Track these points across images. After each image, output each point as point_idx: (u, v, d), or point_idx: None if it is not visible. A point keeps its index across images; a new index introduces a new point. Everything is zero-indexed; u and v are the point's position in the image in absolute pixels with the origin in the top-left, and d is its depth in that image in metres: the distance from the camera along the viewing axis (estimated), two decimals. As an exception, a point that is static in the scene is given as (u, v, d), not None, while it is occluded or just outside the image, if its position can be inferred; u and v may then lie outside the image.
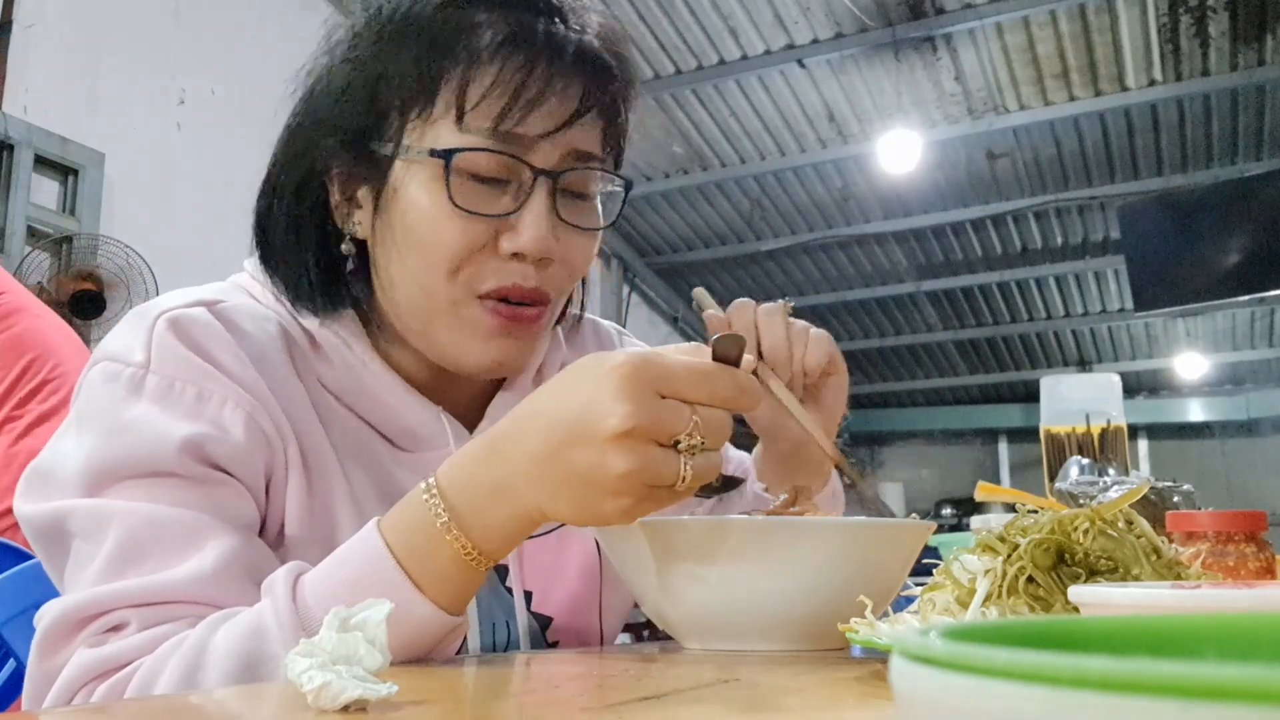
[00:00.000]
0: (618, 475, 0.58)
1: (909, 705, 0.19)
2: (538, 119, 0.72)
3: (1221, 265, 4.95)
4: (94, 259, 2.97)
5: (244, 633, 0.60)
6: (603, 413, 0.57)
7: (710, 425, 0.59)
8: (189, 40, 3.49)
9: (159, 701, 0.56)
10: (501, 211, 0.73)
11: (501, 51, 0.71)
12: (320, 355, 0.78)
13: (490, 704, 0.54)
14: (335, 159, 0.76)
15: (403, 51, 0.73)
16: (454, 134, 0.72)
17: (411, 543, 0.61)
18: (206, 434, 0.68)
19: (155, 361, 0.70)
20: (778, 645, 0.71)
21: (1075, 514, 0.60)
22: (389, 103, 0.74)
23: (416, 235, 0.73)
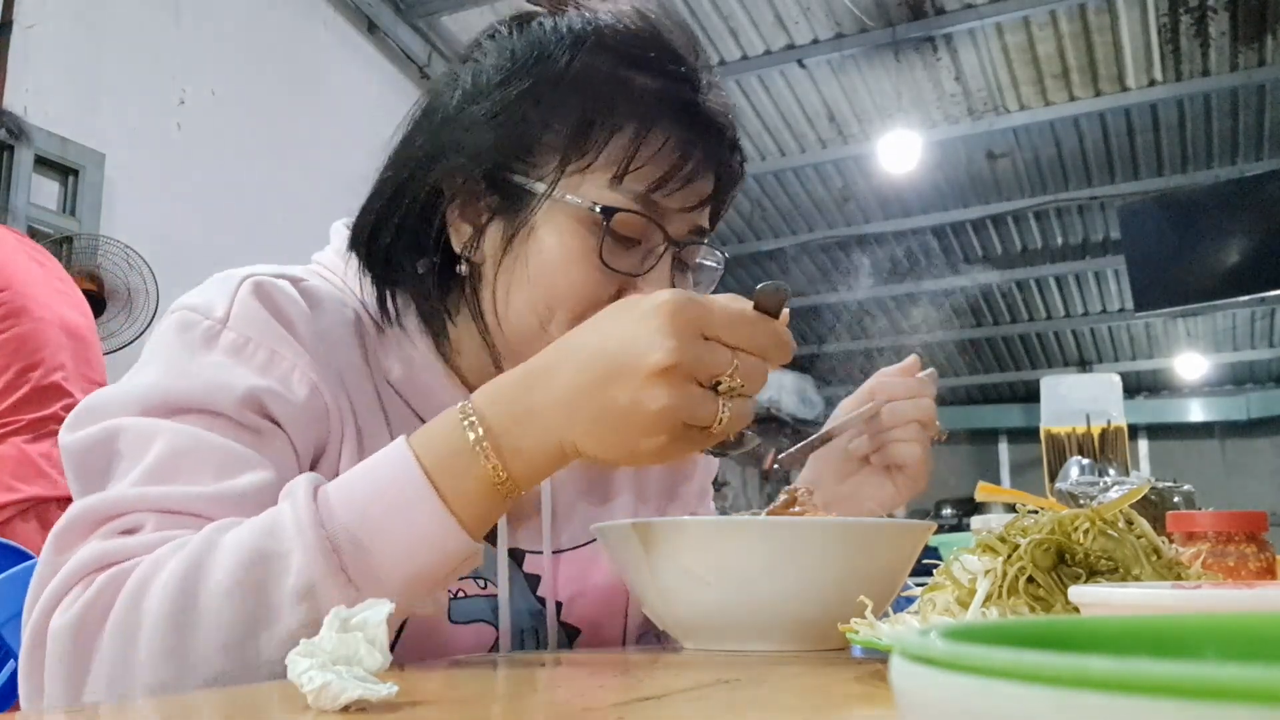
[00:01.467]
0: (655, 411, 0.58)
1: (909, 705, 0.19)
2: (684, 195, 0.75)
3: (1222, 265, 4.95)
4: (94, 259, 2.97)
5: (256, 530, 0.59)
6: (645, 348, 0.58)
7: (749, 371, 0.60)
8: (189, 40, 3.49)
9: (158, 701, 0.56)
10: (631, 270, 0.75)
11: (671, 123, 0.74)
12: (386, 349, 0.79)
13: (490, 704, 0.54)
14: (468, 182, 0.76)
15: (576, 96, 0.74)
16: (606, 189, 0.74)
17: (442, 459, 0.61)
18: (270, 389, 0.68)
19: (234, 319, 0.70)
20: (778, 645, 0.71)
21: (1075, 514, 0.60)
22: (551, 146, 0.74)
23: (549, 275, 0.74)
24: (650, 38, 0.77)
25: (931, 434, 0.96)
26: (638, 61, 0.75)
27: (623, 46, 0.76)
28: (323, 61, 4.08)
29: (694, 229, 0.79)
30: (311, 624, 0.55)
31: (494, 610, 0.79)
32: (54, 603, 0.59)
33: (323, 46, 4.10)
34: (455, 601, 0.77)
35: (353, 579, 0.58)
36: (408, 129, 0.81)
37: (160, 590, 0.57)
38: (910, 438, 0.94)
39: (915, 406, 0.94)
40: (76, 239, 3.00)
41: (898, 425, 0.94)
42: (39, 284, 1.80)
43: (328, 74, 4.09)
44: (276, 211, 3.61)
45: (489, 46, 0.79)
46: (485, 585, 0.80)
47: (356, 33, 4.31)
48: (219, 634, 0.57)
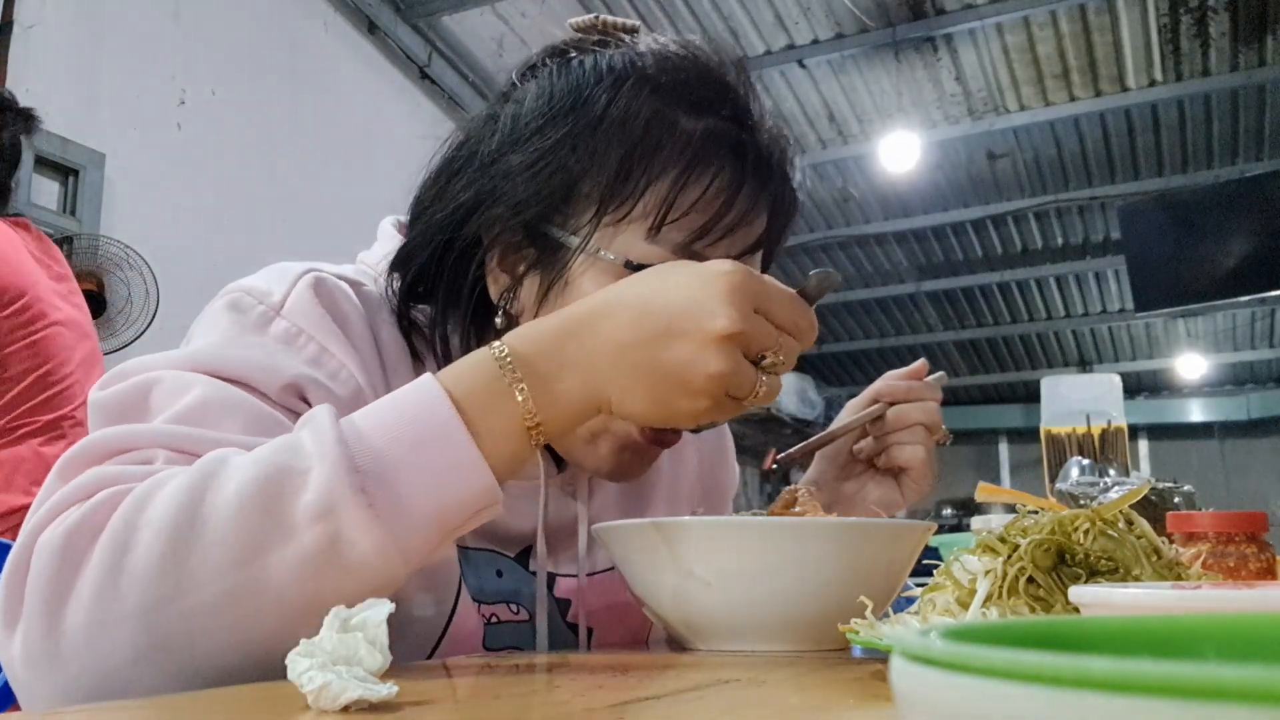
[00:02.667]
0: (708, 375, 0.59)
1: (909, 706, 0.19)
2: (729, 242, 0.73)
3: (1222, 265, 4.95)
4: (94, 259, 2.97)
5: (274, 447, 0.55)
6: (709, 312, 0.59)
7: (789, 350, 0.63)
8: (189, 41, 3.49)
9: (158, 701, 0.56)
10: None
11: (716, 166, 0.72)
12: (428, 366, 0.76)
13: (491, 704, 0.54)
14: (506, 232, 0.73)
15: (612, 149, 0.71)
16: (643, 241, 0.71)
17: (474, 394, 0.58)
18: (316, 380, 0.66)
19: (289, 308, 0.68)
20: (778, 645, 0.71)
21: (1076, 514, 0.60)
22: (589, 195, 0.72)
23: None
24: (693, 73, 0.75)
25: (937, 437, 0.96)
26: (679, 101, 0.73)
27: (664, 85, 0.73)
28: (323, 62, 4.08)
29: None
30: (326, 550, 0.52)
31: (529, 637, 0.78)
32: (47, 520, 0.54)
33: (323, 47, 4.10)
34: (491, 627, 0.76)
35: (374, 504, 0.53)
36: (442, 167, 0.78)
37: (164, 500, 0.52)
38: (914, 440, 0.94)
39: (920, 410, 0.95)
40: (76, 239, 3.00)
41: (902, 428, 0.94)
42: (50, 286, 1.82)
43: (328, 74, 4.09)
44: (277, 211, 3.61)
45: (529, 87, 0.76)
46: (518, 610, 0.79)
47: (357, 33, 4.31)
48: (224, 550, 0.51)
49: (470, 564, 0.76)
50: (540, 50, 0.81)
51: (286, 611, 0.53)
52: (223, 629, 0.53)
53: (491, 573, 0.78)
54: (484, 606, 0.76)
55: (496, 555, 0.79)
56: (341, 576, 0.53)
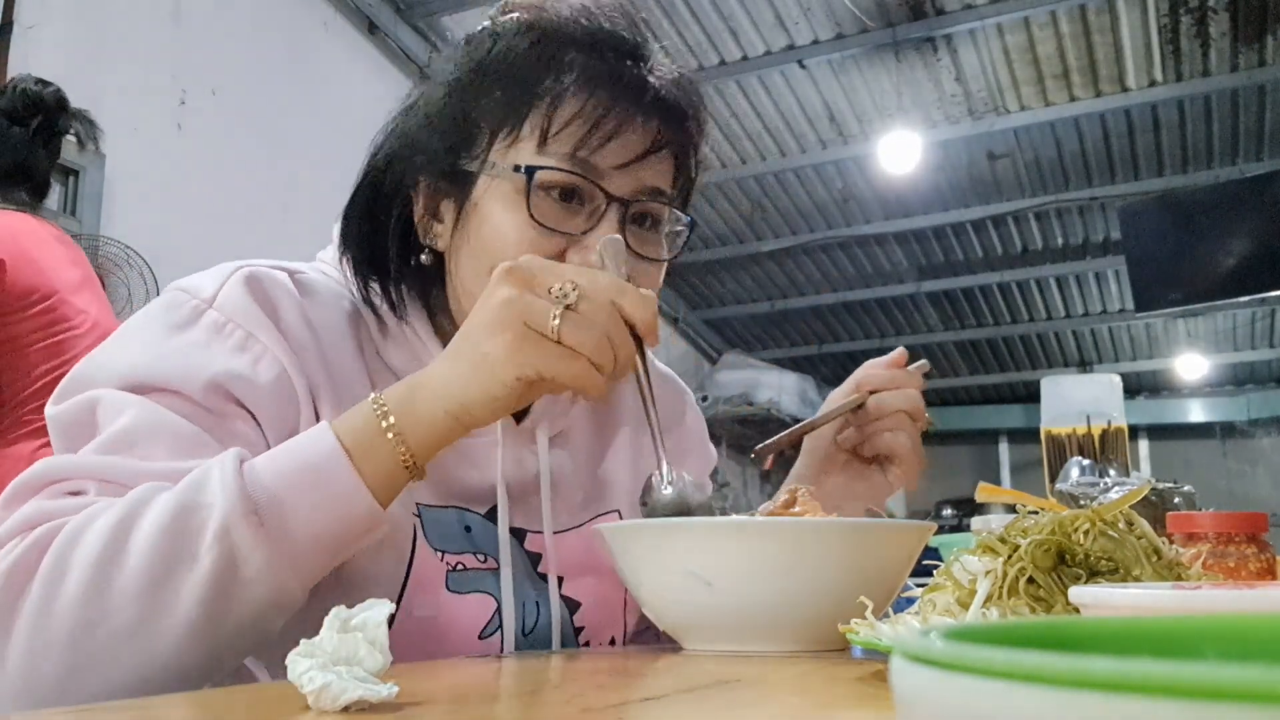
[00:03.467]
0: (498, 301, 0.65)
1: (909, 706, 0.19)
2: (613, 151, 0.78)
3: (1222, 266, 4.95)
4: (95, 259, 2.97)
5: (186, 485, 0.63)
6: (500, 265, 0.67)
7: (588, 295, 0.66)
8: (189, 41, 3.49)
9: (158, 701, 0.56)
10: (570, 229, 0.78)
11: (587, 86, 0.78)
12: (388, 338, 0.84)
13: (491, 704, 0.54)
14: (423, 174, 0.82)
15: (498, 81, 0.80)
16: (535, 156, 0.78)
17: (354, 432, 0.66)
18: (237, 373, 0.72)
19: (220, 301, 0.75)
20: (778, 646, 0.71)
21: (1076, 515, 0.60)
22: (480, 125, 0.80)
23: (492, 245, 0.78)
24: (579, 18, 0.82)
25: (920, 425, 0.97)
26: (561, 38, 0.80)
27: (549, 28, 0.81)
28: (323, 62, 4.08)
29: (645, 188, 0.81)
30: (225, 569, 0.61)
31: (495, 582, 0.82)
32: None
33: (323, 47, 4.10)
34: (453, 573, 0.80)
35: (265, 524, 0.62)
36: (379, 141, 0.86)
37: (92, 537, 0.60)
38: (898, 428, 0.96)
39: (902, 397, 0.96)
40: (77, 239, 3.00)
41: (884, 416, 0.96)
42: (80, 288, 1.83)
43: (328, 74, 4.09)
44: (277, 211, 3.61)
45: (442, 58, 0.86)
46: (485, 559, 0.82)
47: (357, 33, 4.31)
48: (141, 578, 0.60)
49: (436, 522, 0.81)
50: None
51: (194, 630, 0.61)
52: (140, 649, 0.60)
53: (460, 529, 0.82)
54: (448, 556, 0.80)
55: (464, 512, 0.83)
56: (240, 592, 0.62)
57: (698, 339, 7.61)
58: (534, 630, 0.84)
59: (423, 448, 0.67)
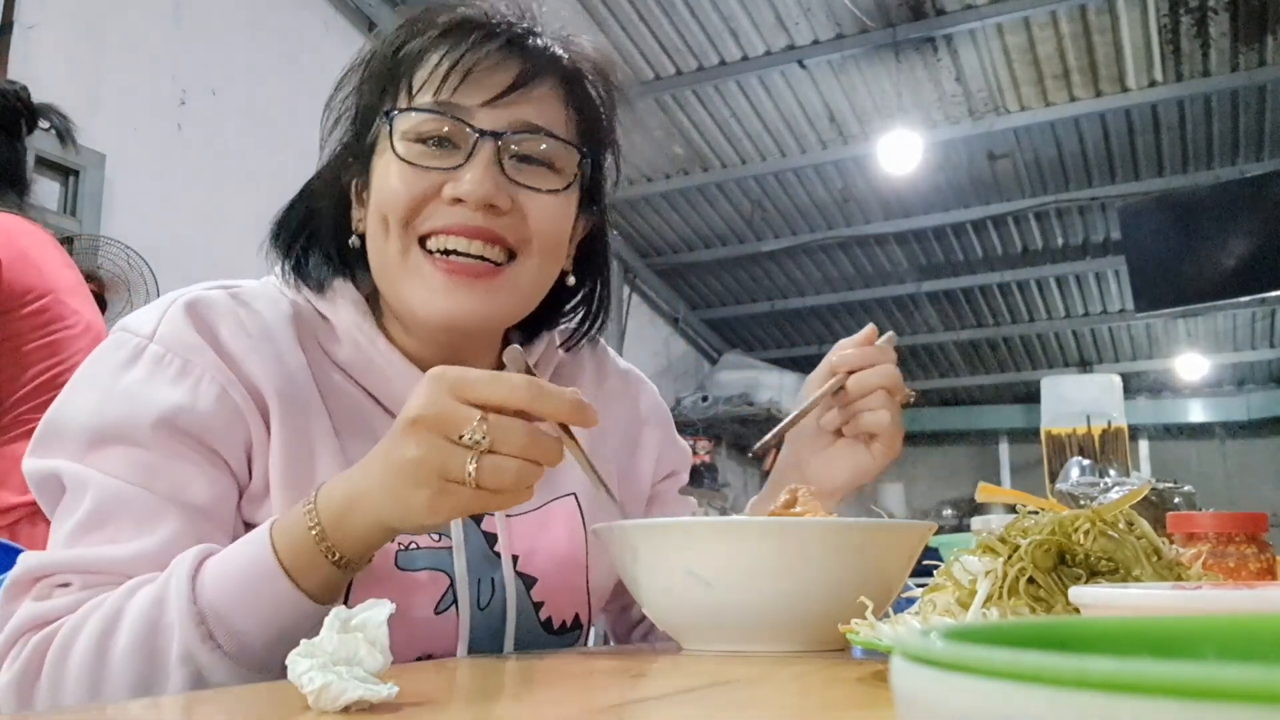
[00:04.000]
0: (410, 460, 0.64)
1: (909, 706, 0.19)
2: (475, 90, 0.83)
3: (1222, 266, 4.95)
4: (95, 259, 2.97)
5: (150, 601, 0.69)
6: (408, 407, 0.66)
7: (501, 429, 0.64)
8: (189, 41, 3.49)
9: (158, 701, 0.56)
10: (443, 165, 0.83)
11: (443, 42, 0.84)
12: (333, 335, 0.87)
13: (490, 704, 0.54)
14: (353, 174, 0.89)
15: (382, 63, 0.87)
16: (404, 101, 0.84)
17: (292, 542, 0.69)
18: (180, 405, 0.76)
19: (159, 334, 0.79)
20: (778, 646, 0.71)
21: (1076, 515, 0.60)
22: (374, 108, 0.86)
23: (379, 197, 0.84)
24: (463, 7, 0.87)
25: (899, 398, 0.98)
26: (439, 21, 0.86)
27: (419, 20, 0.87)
28: (323, 62, 4.08)
29: (520, 123, 0.84)
30: (196, 682, 0.68)
31: (449, 559, 0.84)
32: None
33: (323, 47, 4.10)
34: (403, 553, 0.82)
35: (220, 644, 0.68)
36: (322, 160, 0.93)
37: (79, 654, 0.69)
38: (879, 405, 0.96)
39: (879, 374, 0.97)
40: (77, 239, 3.00)
41: (864, 394, 0.96)
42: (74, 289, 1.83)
43: (328, 74, 4.08)
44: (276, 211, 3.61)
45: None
46: (440, 539, 0.84)
47: (357, 33, 4.31)
48: (125, 689, 0.68)
49: None
50: None
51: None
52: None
53: None
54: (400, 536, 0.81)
55: None
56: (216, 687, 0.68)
57: (698, 339, 7.61)
58: (490, 604, 0.85)
59: (360, 555, 0.70)
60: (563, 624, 0.91)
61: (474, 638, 0.84)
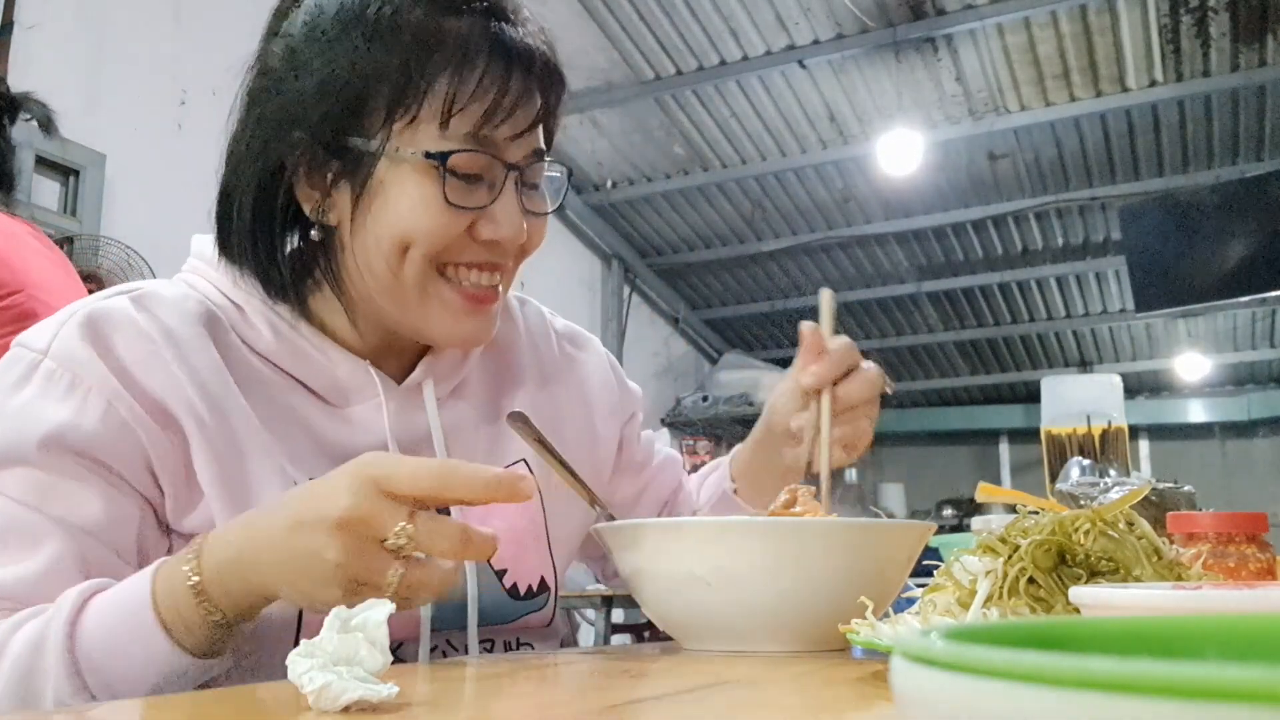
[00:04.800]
0: (331, 563, 0.60)
1: (910, 706, 0.19)
2: (512, 123, 0.79)
3: (1222, 266, 4.95)
4: (95, 259, 2.97)
5: (29, 644, 0.67)
6: (330, 501, 0.61)
7: (429, 532, 0.61)
8: (189, 41, 3.49)
9: (159, 701, 0.56)
10: (479, 204, 0.79)
11: (483, 62, 0.78)
12: (249, 323, 0.83)
13: (490, 705, 0.54)
14: (306, 152, 0.79)
15: (389, 59, 0.77)
16: (437, 136, 0.78)
17: (172, 596, 0.66)
18: (65, 423, 0.73)
19: (53, 349, 0.75)
20: (778, 646, 0.71)
21: (1076, 515, 0.60)
22: (375, 103, 0.77)
23: (402, 228, 0.78)
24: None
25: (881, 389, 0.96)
26: (443, 4, 0.79)
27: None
28: (323, 62, 4.07)
29: (531, 151, 0.82)
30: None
31: None
32: None
33: (323, 47, 4.10)
34: None
35: (95, 696, 0.66)
36: (242, 111, 0.85)
37: None
38: (863, 416, 0.95)
39: (864, 386, 0.94)
40: (77, 239, 3.00)
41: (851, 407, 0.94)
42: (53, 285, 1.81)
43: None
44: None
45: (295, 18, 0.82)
46: None
47: (357, 33, 4.31)
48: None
49: None
50: None
51: None
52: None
53: None
54: None
55: None
56: None
57: (698, 339, 7.61)
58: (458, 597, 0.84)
59: (240, 617, 0.67)
60: (529, 589, 0.90)
61: (436, 611, 0.82)
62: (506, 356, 0.99)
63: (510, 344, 0.99)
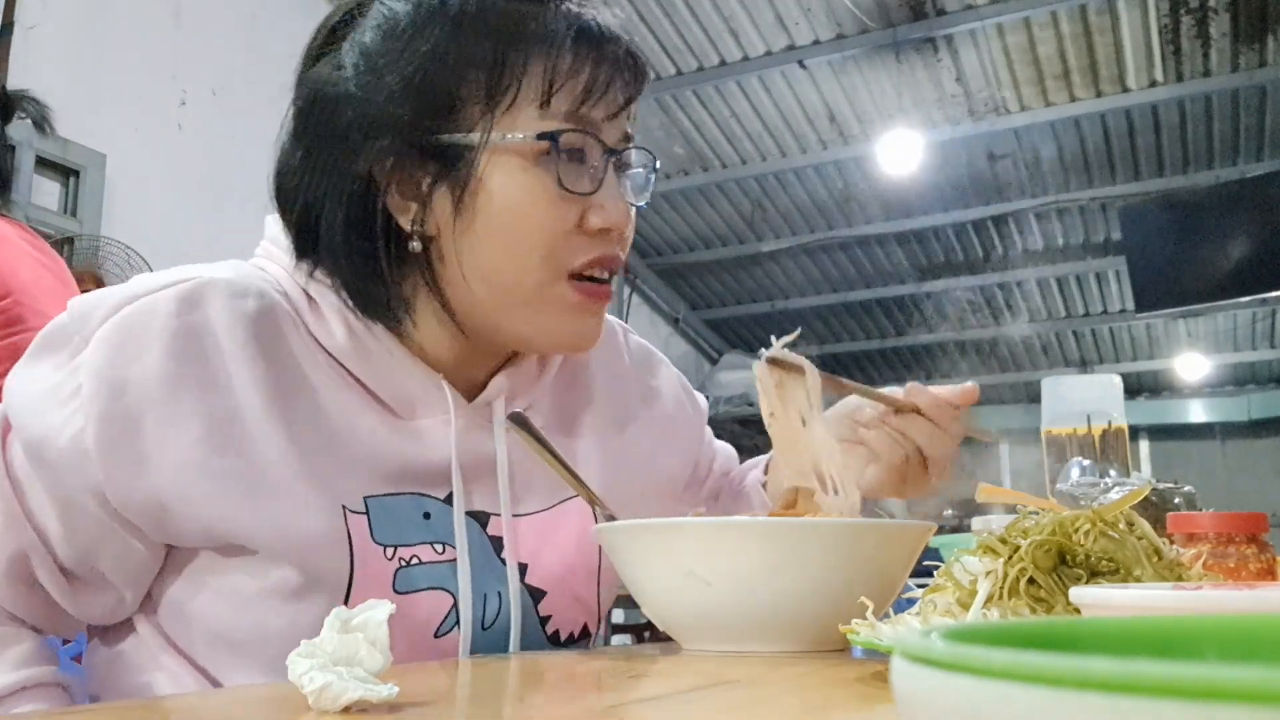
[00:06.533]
0: None
1: (910, 706, 0.19)
2: (607, 102, 0.76)
3: (1223, 266, 4.95)
4: (95, 260, 2.97)
5: None
6: None
7: None
8: (190, 41, 3.49)
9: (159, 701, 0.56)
10: (587, 190, 0.75)
11: (576, 40, 0.74)
12: (320, 318, 0.77)
13: (491, 705, 0.54)
14: (397, 159, 0.74)
15: (480, 46, 0.73)
16: (537, 118, 0.73)
17: None
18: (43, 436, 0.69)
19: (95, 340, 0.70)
20: (778, 646, 0.71)
21: (1076, 515, 0.60)
22: (471, 92, 0.73)
23: (509, 223, 0.74)
24: None
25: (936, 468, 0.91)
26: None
27: None
28: (323, 62, 4.07)
29: (623, 135, 0.79)
30: None
31: (452, 575, 0.77)
32: None
33: (323, 47, 4.10)
34: (403, 570, 0.74)
35: None
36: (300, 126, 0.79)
37: None
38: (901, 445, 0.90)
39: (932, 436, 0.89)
40: (78, 240, 3.00)
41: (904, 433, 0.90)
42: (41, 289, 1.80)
43: (328, 75, 4.09)
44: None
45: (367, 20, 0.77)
46: (443, 550, 0.77)
47: (357, 33, 4.31)
48: None
49: (387, 512, 0.75)
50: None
51: None
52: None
53: (417, 516, 0.77)
54: (400, 550, 0.75)
55: (422, 498, 0.78)
56: None
57: (698, 339, 7.61)
58: (494, 624, 0.79)
59: None
60: (570, 635, 0.85)
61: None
62: (578, 377, 0.93)
63: (581, 363, 0.94)
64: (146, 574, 0.74)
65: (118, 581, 0.73)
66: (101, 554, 0.72)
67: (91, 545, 0.71)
